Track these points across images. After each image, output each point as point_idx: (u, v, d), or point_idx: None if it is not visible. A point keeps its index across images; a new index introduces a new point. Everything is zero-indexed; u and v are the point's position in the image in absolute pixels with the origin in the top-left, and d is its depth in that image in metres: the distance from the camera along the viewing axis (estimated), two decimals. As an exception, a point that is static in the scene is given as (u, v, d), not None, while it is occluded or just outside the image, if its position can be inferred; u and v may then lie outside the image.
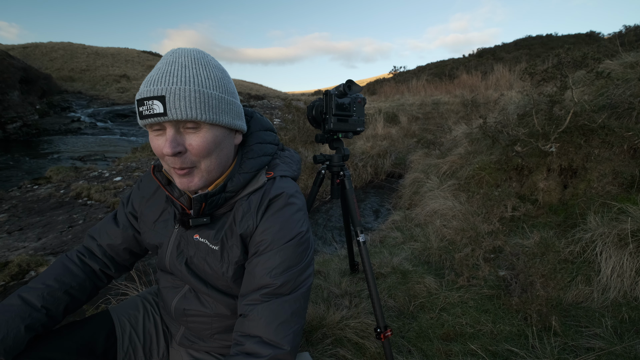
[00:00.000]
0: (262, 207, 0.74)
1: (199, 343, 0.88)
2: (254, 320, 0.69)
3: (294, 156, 0.89)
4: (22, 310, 0.75)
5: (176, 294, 0.86)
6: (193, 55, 0.68)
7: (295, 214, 0.75)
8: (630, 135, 2.43)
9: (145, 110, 0.63)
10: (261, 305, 0.69)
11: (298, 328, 0.71)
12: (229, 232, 0.76)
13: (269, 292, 0.70)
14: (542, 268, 1.92)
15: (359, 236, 1.42)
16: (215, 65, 0.71)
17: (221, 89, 0.69)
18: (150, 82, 0.64)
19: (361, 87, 1.39)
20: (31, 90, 11.26)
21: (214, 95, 0.67)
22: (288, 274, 0.71)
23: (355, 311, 1.73)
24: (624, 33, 9.87)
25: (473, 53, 19.23)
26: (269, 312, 0.69)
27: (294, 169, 0.86)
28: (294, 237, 0.73)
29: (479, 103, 7.17)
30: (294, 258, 0.73)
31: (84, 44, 24.02)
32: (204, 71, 0.67)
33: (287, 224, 0.73)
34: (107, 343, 0.84)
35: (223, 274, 0.77)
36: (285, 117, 8.57)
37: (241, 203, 0.76)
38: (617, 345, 1.44)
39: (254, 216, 0.74)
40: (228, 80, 0.73)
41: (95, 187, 4.67)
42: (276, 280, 0.70)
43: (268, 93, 17.91)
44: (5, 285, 2.61)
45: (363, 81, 28.08)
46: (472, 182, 3.22)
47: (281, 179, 0.79)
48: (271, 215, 0.73)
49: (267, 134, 0.84)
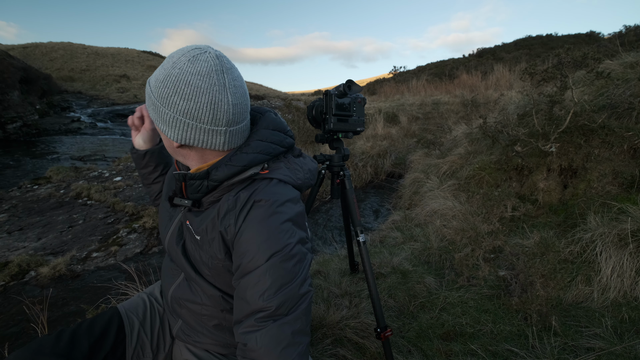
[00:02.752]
0: (245, 208, 0.70)
1: (193, 337, 0.88)
2: (253, 350, 0.64)
3: (306, 164, 0.84)
4: None
5: (173, 282, 0.88)
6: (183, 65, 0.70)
7: (282, 224, 0.69)
8: (630, 135, 2.43)
9: None
10: (259, 332, 0.64)
11: (303, 348, 0.67)
12: (210, 224, 0.74)
13: (264, 317, 0.65)
14: (542, 268, 1.93)
15: (359, 236, 1.42)
16: (181, 75, 0.74)
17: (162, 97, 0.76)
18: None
19: (361, 87, 1.39)
20: (31, 90, 11.26)
21: (156, 94, 0.75)
22: (282, 293, 0.65)
23: (355, 311, 1.73)
24: (624, 33, 9.86)
25: (473, 53, 19.23)
26: (269, 339, 0.64)
27: (300, 177, 0.80)
28: (281, 250, 0.67)
29: (479, 103, 7.17)
30: (286, 274, 0.66)
31: (84, 44, 24.01)
32: (169, 83, 0.72)
33: (273, 235, 0.67)
34: (116, 339, 0.86)
35: (204, 263, 0.77)
36: (285, 117, 8.57)
37: (228, 198, 0.73)
38: (617, 345, 1.44)
39: (236, 215, 0.70)
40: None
41: (95, 187, 4.68)
42: (271, 303, 0.64)
43: (268, 93, 17.90)
44: (5, 285, 2.61)
45: (363, 81, 28.09)
46: (472, 182, 3.22)
47: (278, 183, 0.74)
48: (256, 223, 0.68)
49: (273, 134, 0.79)
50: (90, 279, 2.68)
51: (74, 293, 2.50)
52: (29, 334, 2.04)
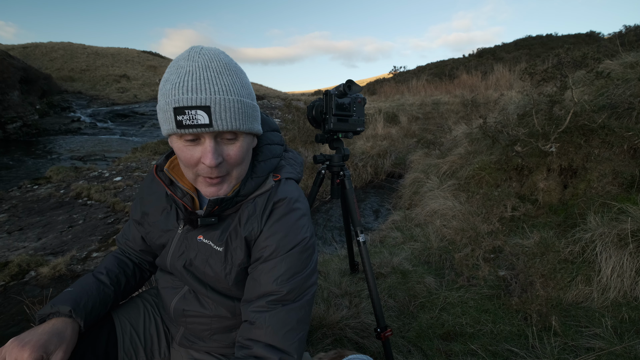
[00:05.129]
0: (266, 211, 0.74)
1: (198, 343, 0.88)
2: (260, 328, 0.69)
3: (297, 157, 0.90)
4: (97, 286, 0.84)
5: (175, 294, 0.87)
6: (222, 59, 0.65)
7: (299, 219, 0.75)
8: (630, 135, 2.43)
9: (187, 119, 0.60)
10: (268, 313, 0.70)
11: (303, 335, 0.72)
12: (233, 233, 0.76)
13: (275, 300, 0.70)
14: (542, 268, 1.93)
15: (359, 236, 1.42)
16: (240, 69, 0.69)
17: (252, 96, 0.69)
18: (189, 89, 0.60)
19: (361, 87, 1.39)
20: (31, 90, 11.26)
21: (249, 104, 0.67)
22: (294, 281, 0.72)
23: (355, 311, 1.73)
24: (624, 33, 9.86)
25: (473, 53, 19.25)
26: (276, 320, 0.69)
27: (298, 170, 0.86)
28: (299, 244, 0.73)
29: (479, 103, 7.17)
30: (299, 265, 0.73)
31: (84, 44, 24.01)
32: (237, 78, 0.66)
33: (292, 231, 0.73)
34: (108, 343, 0.84)
35: (225, 275, 0.76)
36: (285, 117, 8.58)
37: (247, 205, 0.75)
38: (617, 345, 1.44)
39: (258, 219, 0.74)
40: (250, 83, 0.72)
41: (95, 187, 4.68)
42: (282, 288, 0.70)
43: (268, 93, 17.90)
44: (5, 285, 2.61)
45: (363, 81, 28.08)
46: (472, 182, 3.22)
47: (286, 182, 0.79)
48: (276, 221, 0.73)
49: (273, 135, 0.84)
50: (90, 279, 2.69)
51: (74, 293, 2.50)
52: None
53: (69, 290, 0.81)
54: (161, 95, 0.64)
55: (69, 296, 0.78)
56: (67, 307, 0.75)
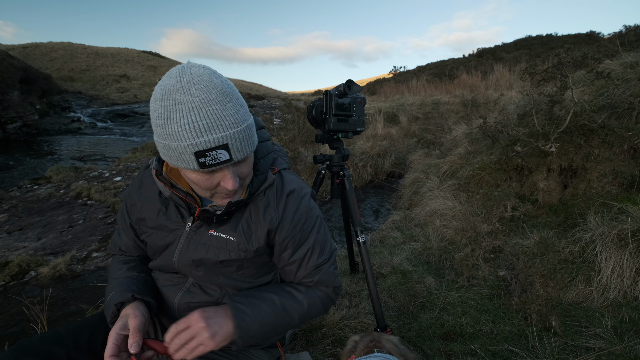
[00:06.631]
0: (281, 202, 0.83)
1: None
2: (321, 282, 0.90)
3: (282, 149, 0.99)
4: (127, 277, 0.87)
5: (178, 290, 0.88)
6: (217, 84, 0.63)
7: (309, 202, 0.87)
8: (630, 135, 2.43)
9: (209, 160, 0.63)
10: (320, 274, 0.90)
11: (336, 270, 0.96)
12: (246, 223, 0.83)
13: (322, 263, 0.89)
14: (542, 268, 1.92)
15: (359, 236, 1.42)
16: (230, 85, 0.67)
17: (246, 108, 0.70)
18: (203, 130, 0.60)
19: (361, 87, 1.39)
20: (31, 90, 11.26)
21: (251, 124, 0.69)
22: (327, 250, 0.91)
23: (355, 311, 1.73)
24: (624, 33, 9.86)
25: (473, 53, 19.26)
26: (328, 275, 0.91)
27: (286, 160, 0.95)
28: (316, 222, 0.88)
29: (479, 103, 7.17)
30: (323, 237, 0.90)
31: (84, 44, 23.99)
32: (236, 101, 0.65)
33: (309, 216, 0.86)
34: (105, 341, 0.84)
35: (240, 257, 0.83)
36: (285, 117, 8.58)
37: (260, 198, 0.82)
38: (617, 345, 1.44)
39: (275, 210, 0.82)
40: (239, 93, 0.71)
41: (95, 187, 4.67)
42: (320, 259, 0.89)
43: (268, 93, 17.90)
44: (5, 285, 2.61)
45: (363, 81, 28.08)
46: (472, 182, 3.22)
47: (286, 171, 0.90)
48: (293, 212, 0.84)
49: (263, 132, 0.91)
50: (90, 279, 2.68)
51: (74, 293, 2.50)
52: (29, 334, 2.04)
53: (112, 295, 0.83)
54: (166, 134, 0.62)
55: (120, 290, 0.82)
56: (128, 294, 0.80)
